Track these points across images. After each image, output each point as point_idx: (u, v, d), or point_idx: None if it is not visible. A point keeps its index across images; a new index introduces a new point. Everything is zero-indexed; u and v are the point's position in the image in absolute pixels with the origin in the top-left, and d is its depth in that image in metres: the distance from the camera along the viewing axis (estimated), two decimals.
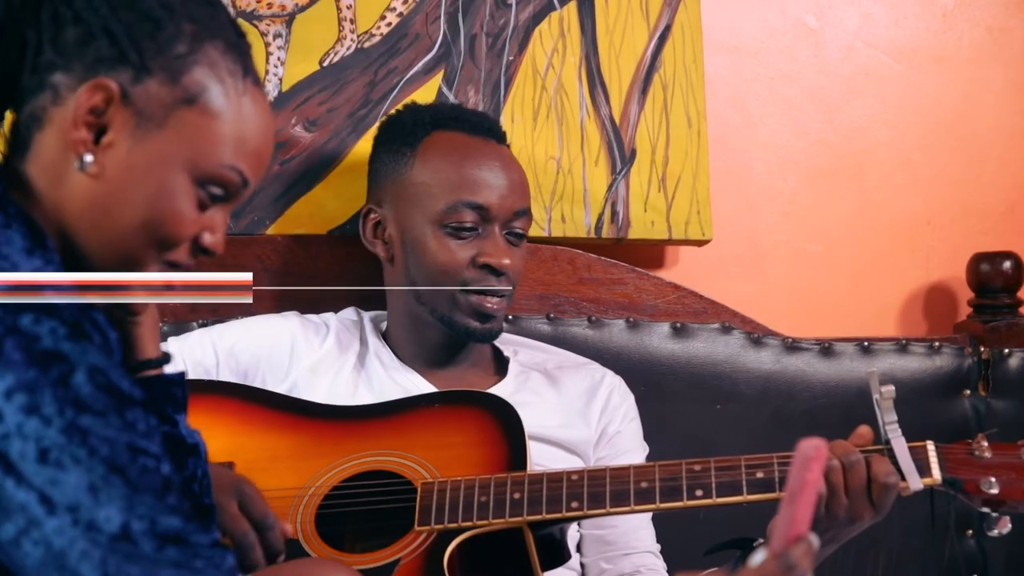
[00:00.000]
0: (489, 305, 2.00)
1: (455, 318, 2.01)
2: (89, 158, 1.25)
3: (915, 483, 1.69)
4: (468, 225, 1.99)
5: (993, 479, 1.70)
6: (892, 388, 1.70)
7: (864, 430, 1.74)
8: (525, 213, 2.04)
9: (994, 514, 1.72)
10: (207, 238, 1.31)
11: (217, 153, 1.29)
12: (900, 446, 1.70)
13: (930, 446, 1.72)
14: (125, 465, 1.11)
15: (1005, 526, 1.72)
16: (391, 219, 2.05)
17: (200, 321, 2.19)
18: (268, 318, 2.10)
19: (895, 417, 1.71)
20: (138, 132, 1.26)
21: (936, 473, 1.71)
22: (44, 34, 1.25)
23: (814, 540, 1.17)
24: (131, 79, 1.26)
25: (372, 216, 2.08)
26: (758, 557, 1.18)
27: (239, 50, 1.32)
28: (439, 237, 2.00)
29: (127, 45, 1.25)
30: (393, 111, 2.18)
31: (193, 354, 2.02)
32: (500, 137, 2.09)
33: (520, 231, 2.03)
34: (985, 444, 1.73)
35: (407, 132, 2.07)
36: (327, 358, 2.03)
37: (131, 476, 1.11)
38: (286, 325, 2.07)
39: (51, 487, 1.09)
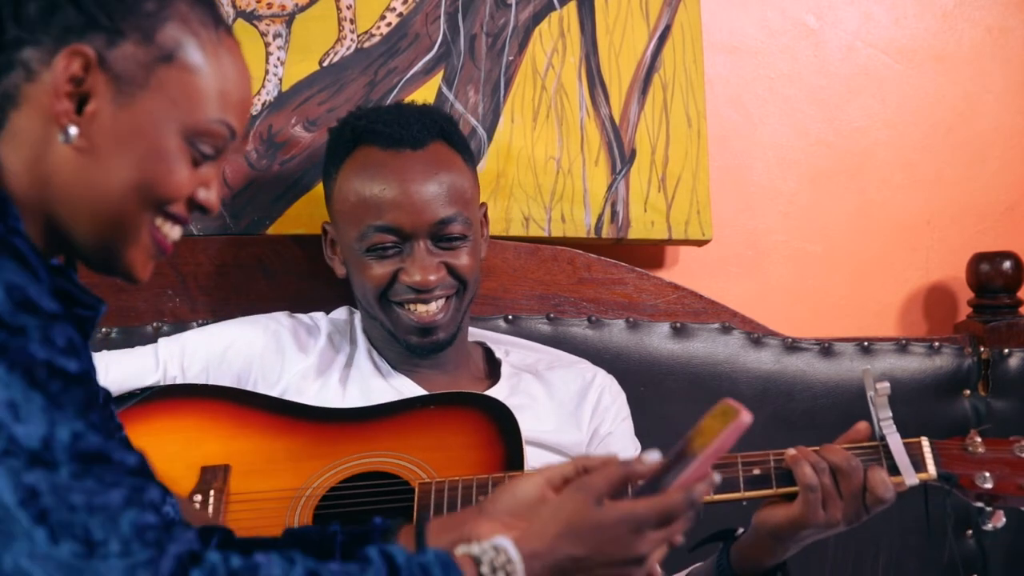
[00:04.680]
0: (426, 318, 1.98)
1: (396, 333, 2.00)
2: (74, 130, 1.23)
3: (910, 478, 1.71)
4: (388, 245, 1.97)
5: (987, 474, 1.72)
6: (887, 385, 1.72)
7: (862, 426, 1.75)
8: (453, 219, 1.97)
9: (988, 508, 1.74)
10: (202, 194, 1.30)
11: (204, 108, 1.27)
12: (895, 442, 1.72)
13: (924, 442, 1.74)
14: (44, 381, 1.10)
15: (999, 520, 1.74)
16: (338, 238, 2.06)
17: (200, 321, 2.20)
18: (260, 320, 2.09)
19: (890, 413, 1.73)
20: (121, 97, 1.24)
21: (931, 468, 1.73)
22: (3, 11, 1.23)
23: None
24: (105, 43, 1.24)
25: (328, 234, 2.09)
26: (654, 455, 1.34)
27: (207, 2, 1.30)
28: (364, 258, 1.98)
29: (95, 9, 1.23)
30: (336, 122, 2.12)
31: (185, 357, 2.02)
32: (419, 142, 2.00)
33: (455, 235, 1.98)
34: (979, 440, 1.75)
35: (333, 150, 2.05)
36: (319, 361, 2.03)
37: (51, 392, 1.10)
38: (278, 328, 2.06)
39: None
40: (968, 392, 2.37)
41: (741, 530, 1.81)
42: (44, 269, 1.17)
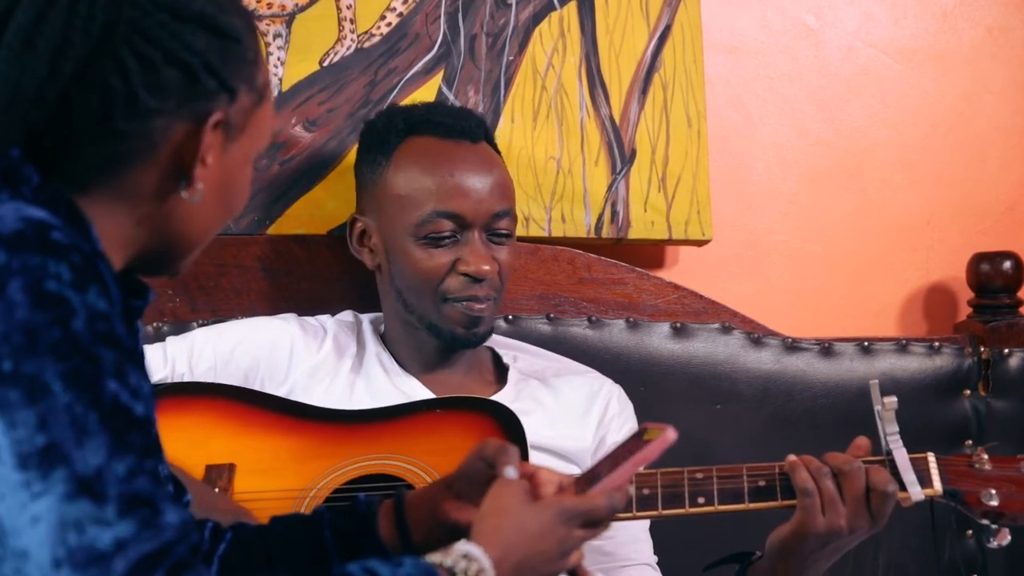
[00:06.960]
0: (476, 310, 1.99)
1: (441, 325, 2.00)
2: (201, 186, 1.25)
3: (916, 494, 1.71)
4: (446, 234, 1.98)
5: (993, 491, 1.71)
6: (895, 399, 1.71)
7: (862, 441, 1.75)
8: (506, 214, 2.01)
9: (994, 526, 1.73)
10: None
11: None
12: (901, 457, 1.71)
13: (931, 457, 1.74)
14: (111, 414, 1.09)
15: (1005, 538, 1.73)
16: (374, 228, 2.05)
17: (200, 321, 2.19)
18: (267, 320, 2.10)
19: (897, 428, 1.72)
20: (227, 143, 1.27)
21: (937, 485, 1.72)
22: (134, 80, 1.20)
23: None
24: (228, 101, 1.26)
25: (357, 225, 2.08)
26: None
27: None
28: (418, 247, 1.99)
29: (226, 74, 1.24)
30: (372, 116, 2.15)
31: (193, 354, 2.02)
32: (475, 136, 2.05)
33: (504, 231, 2.01)
34: (985, 457, 1.74)
35: (381, 140, 2.06)
36: (325, 362, 2.03)
37: (116, 426, 1.09)
38: (285, 328, 2.07)
39: (39, 421, 1.07)
40: (968, 392, 2.37)
41: (759, 554, 1.80)
42: (120, 296, 1.17)
